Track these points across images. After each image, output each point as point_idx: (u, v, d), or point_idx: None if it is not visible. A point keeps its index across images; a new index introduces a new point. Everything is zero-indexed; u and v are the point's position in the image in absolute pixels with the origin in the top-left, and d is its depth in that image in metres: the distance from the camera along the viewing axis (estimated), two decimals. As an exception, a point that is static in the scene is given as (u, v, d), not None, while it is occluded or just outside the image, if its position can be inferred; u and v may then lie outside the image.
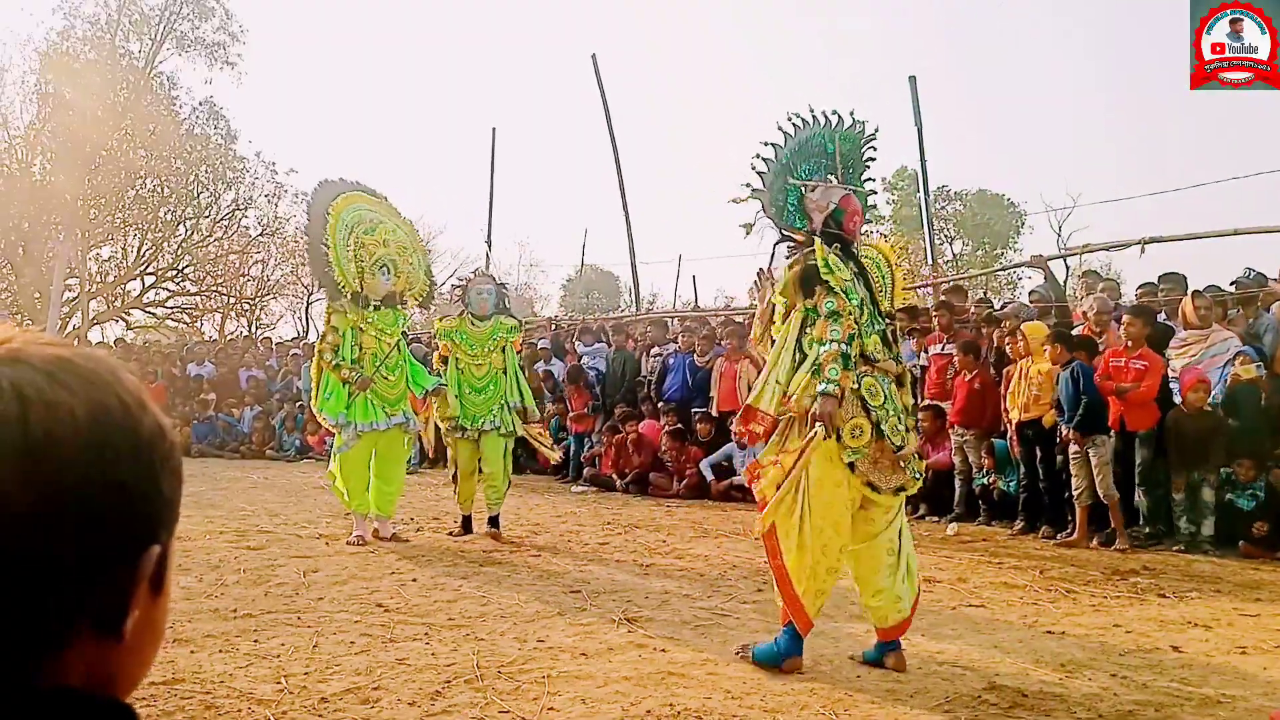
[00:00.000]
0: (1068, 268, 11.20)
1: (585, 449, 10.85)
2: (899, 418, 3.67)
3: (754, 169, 3.76)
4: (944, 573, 5.64)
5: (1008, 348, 7.54)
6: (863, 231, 4.06)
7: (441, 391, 6.67)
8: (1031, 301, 9.00)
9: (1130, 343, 6.79)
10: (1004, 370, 7.56)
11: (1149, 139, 50.91)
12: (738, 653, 3.73)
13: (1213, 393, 6.61)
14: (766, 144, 3.77)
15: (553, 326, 14.63)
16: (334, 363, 6.35)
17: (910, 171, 12.29)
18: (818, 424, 3.41)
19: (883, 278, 3.97)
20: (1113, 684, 3.52)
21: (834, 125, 3.87)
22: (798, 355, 3.59)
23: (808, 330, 3.59)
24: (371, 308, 6.50)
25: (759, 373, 9.88)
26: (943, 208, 33.36)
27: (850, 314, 3.51)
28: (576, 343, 12.53)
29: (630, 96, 60.09)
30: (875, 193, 4.18)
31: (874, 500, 3.62)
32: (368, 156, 53.65)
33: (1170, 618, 4.60)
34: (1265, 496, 6.30)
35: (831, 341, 3.45)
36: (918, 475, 3.75)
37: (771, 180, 3.78)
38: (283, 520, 7.49)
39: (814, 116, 3.84)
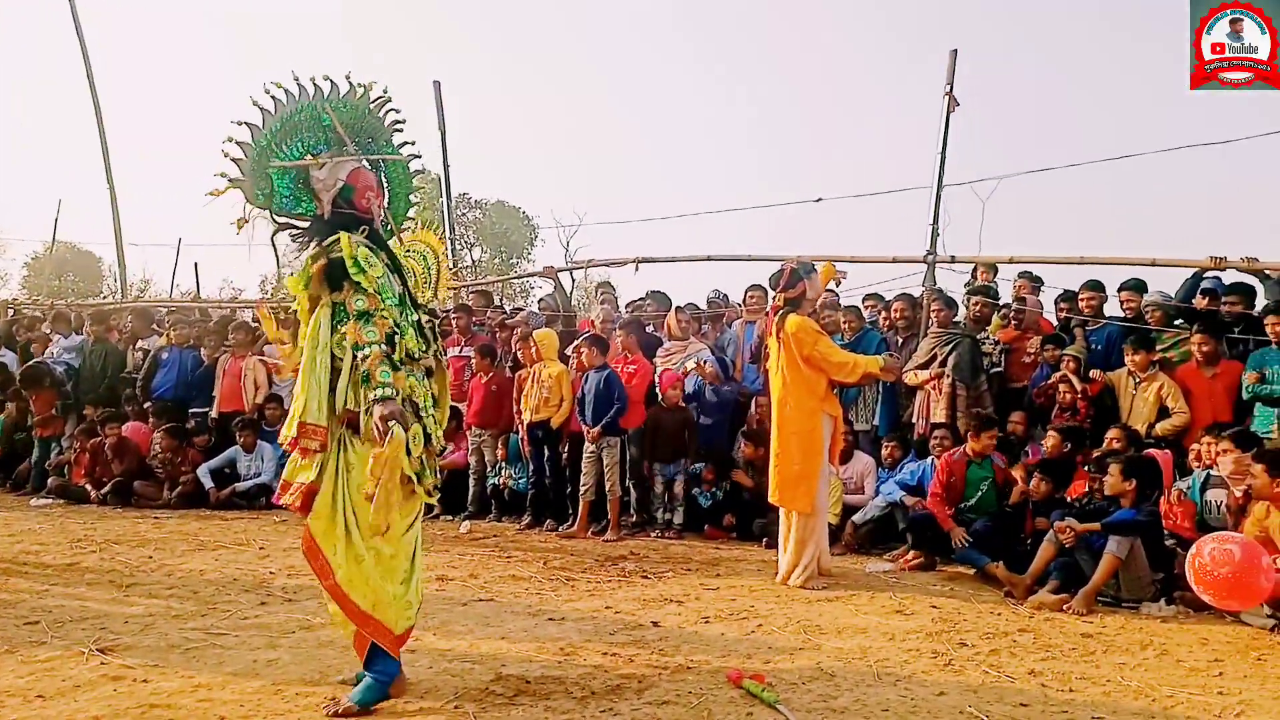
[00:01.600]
0: (574, 279, 12.14)
1: (52, 455, 9.29)
2: (434, 417, 3.53)
3: (226, 155, 3.24)
4: (456, 570, 5.76)
5: (519, 353, 7.96)
6: (414, 202, 3.83)
7: None
8: (541, 309, 9.58)
9: (627, 351, 7.63)
10: (518, 374, 7.95)
11: (649, 168, 57.64)
12: (330, 712, 3.15)
13: (686, 391, 7.60)
14: (241, 123, 3.26)
15: (9, 311, 12.31)
16: None
17: (434, 176, 12.33)
18: (391, 425, 3.09)
19: (428, 269, 3.79)
20: (605, 662, 3.85)
21: (327, 94, 3.43)
22: (336, 357, 3.22)
23: (339, 329, 3.24)
24: None
25: (268, 373, 9.29)
26: (464, 215, 34.39)
27: (384, 313, 3.24)
28: (52, 333, 10.66)
29: (122, 53, 52.61)
30: (419, 155, 3.85)
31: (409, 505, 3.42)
32: None
33: (651, 596, 5.17)
34: (724, 495, 7.38)
35: (370, 345, 3.19)
36: (439, 473, 3.68)
37: (251, 166, 3.29)
38: None
39: (301, 86, 3.38)
